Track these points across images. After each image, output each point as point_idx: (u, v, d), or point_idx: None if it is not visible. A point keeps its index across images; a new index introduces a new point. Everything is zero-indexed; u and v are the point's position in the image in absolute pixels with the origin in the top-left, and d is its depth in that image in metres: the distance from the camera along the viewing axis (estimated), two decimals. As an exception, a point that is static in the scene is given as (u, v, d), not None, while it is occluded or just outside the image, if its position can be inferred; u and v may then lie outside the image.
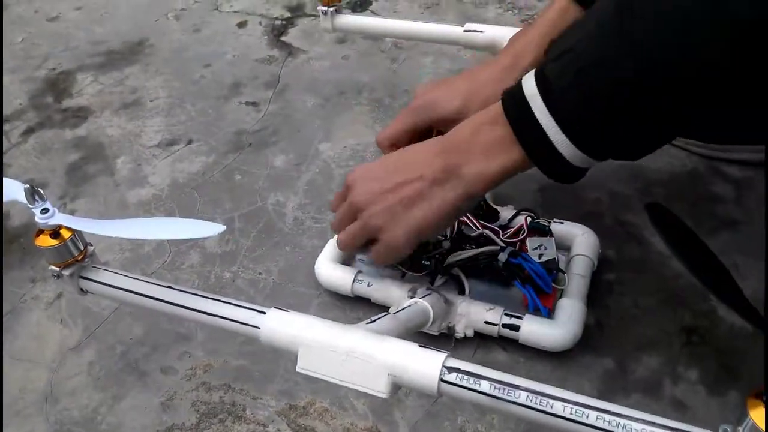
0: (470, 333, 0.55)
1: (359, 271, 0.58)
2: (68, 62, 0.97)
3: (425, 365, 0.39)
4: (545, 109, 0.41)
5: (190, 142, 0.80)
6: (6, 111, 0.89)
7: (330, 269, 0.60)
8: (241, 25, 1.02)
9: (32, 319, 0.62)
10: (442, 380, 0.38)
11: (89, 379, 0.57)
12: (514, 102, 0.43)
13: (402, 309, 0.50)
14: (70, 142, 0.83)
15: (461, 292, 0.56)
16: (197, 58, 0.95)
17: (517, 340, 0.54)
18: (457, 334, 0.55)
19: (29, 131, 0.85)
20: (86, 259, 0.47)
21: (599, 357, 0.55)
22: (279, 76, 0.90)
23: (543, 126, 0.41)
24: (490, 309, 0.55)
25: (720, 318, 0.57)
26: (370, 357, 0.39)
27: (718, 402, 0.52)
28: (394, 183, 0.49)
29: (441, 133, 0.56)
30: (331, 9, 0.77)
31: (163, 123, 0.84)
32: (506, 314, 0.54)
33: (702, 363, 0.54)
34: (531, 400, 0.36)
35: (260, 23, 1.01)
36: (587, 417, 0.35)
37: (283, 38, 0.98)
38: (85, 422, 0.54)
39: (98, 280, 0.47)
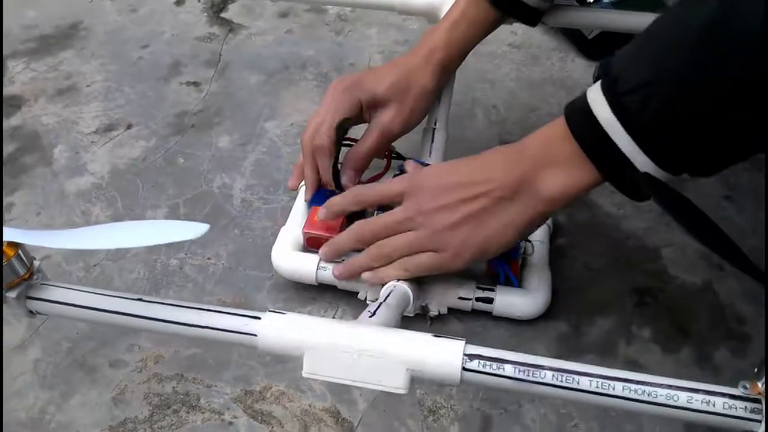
0: (444, 310, 0.55)
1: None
2: (-3, 49, 0.92)
3: (445, 356, 0.38)
4: (628, 137, 0.40)
5: (129, 126, 0.77)
6: (-68, 103, 0.84)
7: (290, 259, 0.57)
8: (179, 2, 0.98)
9: (-29, 320, 0.60)
10: (464, 369, 0.37)
11: (35, 378, 0.55)
12: (585, 125, 0.42)
13: (389, 294, 0.49)
14: (5, 132, 0.79)
15: None
16: (134, 40, 0.91)
17: (490, 312, 0.54)
18: (431, 313, 0.55)
19: (-41, 123, 0.81)
20: (34, 276, 0.41)
21: (553, 321, 0.55)
22: (220, 54, 0.87)
23: (626, 153, 0.41)
24: (462, 284, 0.54)
25: (671, 277, 0.58)
26: (385, 353, 0.38)
27: (672, 360, 0.53)
28: (460, 197, 0.47)
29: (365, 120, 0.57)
30: None
31: (100, 108, 0.80)
32: (479, 287, 0.54)
33: (655, 322, 0.55)
34: (557, 379, 0.36)
35: (198, 0, 0.98)
36: (613, 389, 0.36)
37: (223, 15, 0.95)
38: (33, 423, 0.52)
39: (51, 299, 0.42)
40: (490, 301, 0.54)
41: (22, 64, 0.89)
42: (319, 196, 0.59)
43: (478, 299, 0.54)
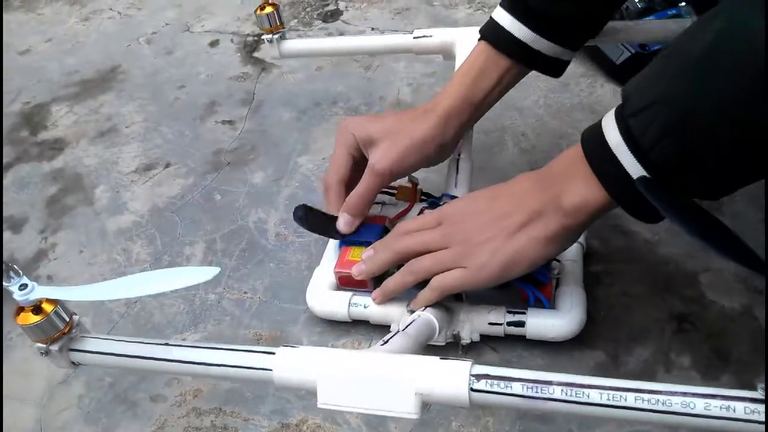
0: (476, 337, 0.55)
1: (353, 294, 0.57)
2: (42, 95, 0.97)
3: (452, 377, 0.38)
4: (633, 159, 0.41)
5: (167, 165, 0.80)
6: (-19, 148, 0.88)
7: (322, 298, 0.58)
8: (213, 44, 1.01)
9: (19, 356, 0.61)
10: (472, 389, 0.37)
11: (79, 413, 0.56)
12: (596, 146, 0.44)
13: (409, 324, 0.49)
14: (48, 174, 0.82)
15: (458, 298, 0.56)
16: (171, 81, 0.95)
17: (524, 336, 0.54)
18: (463, 341, 0.54)
19: (6, 167, 0.85)
20: (73, 330, 0.44)
21: (591, 350, 0.54)
22: (254, 93, 0.90)
23: (632, 175, 0.42)
24: (492, 310, 0.54)
25: (709, 302, 0.57)
26: (394, 379, 0.39)
27: (713, 387, 0.51)
28: (491, 217, 0.49)
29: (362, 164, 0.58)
30: (276, 36, 0.77)
31: (139, 148, 0.83)
32: (509, 312, 0.54)
33: (694, 349, 0.54)
34: (566, 393, 0.36)
35: (232, 41, 1.01)
36: (625, 400, 0.35)
37: (255, 54, 0.98)
38: (77, 457, 0.53)
39: (90, 349, 0.45)
40: (521, 324, 0.53)
41: (65, 108, 0.93)
42: (350, 234, 0.60)
43: (509, 323, 0.54)
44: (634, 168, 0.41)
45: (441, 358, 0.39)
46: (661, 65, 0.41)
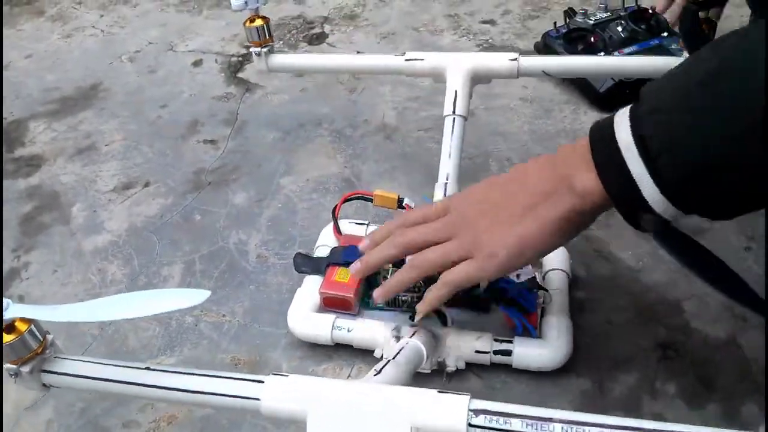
0: (462, 365, 0.54)
1: (337, 317, 0.56)
2: (20, 111, 0.95)
3: (449, 412, 0.37)
4: (640, 161, 0.39)
5: (147, 184, 0.78)
6: (-45, 164, 0.86)
7: (305, 320, 0.57)
8: (197, 63, 1.01)
9: (-15, 380, 0.59)
10: (470, 425, 0.36)
11: (47, 440, 0.54)
12: (603, 140, 0.41)
13: (399, 352, 0.48)
14: (23, 191, 0.80)
15: (443, 323, 0.55)
16: (153, 100, 0.94)
17: (510, 365, 0.53)
18: (448, 369, 0.53)
19: (-20, 183, 0.82)
20: (47, 350, 0.42)
21: (576, 377, 0.54)
22: (237, 113, 0.89)
23: (635, 176, 0.39)
24: (479, 337, 0.53)
25: (693, 330, 0.56)
26: (388, 413, 0.37)
27: (698, 415, 0.51)
28: (501, 201, 0.46)
29: None
30: (264, 50, 0.76)
31: (118, 166, 0.82)
32: (496, 340, 0.53)
33: (679, 377, 0.53)
34: (566, 431, 0.35)
35: (216, 61, 1.01)
36: None
37: (239, 75, 0.97)
38: (44, 487, 0.51)
39: (64, 371, 0.43)
40: (508, 353, 0.53)
41: (43, 125, 0.91)
42: (334, 255, 0.59)
43: (496, 352, 0.53)
44: (638, 169, 0.39)
45: (438, 392, 0.38)
46: (672, 76, 0.40)
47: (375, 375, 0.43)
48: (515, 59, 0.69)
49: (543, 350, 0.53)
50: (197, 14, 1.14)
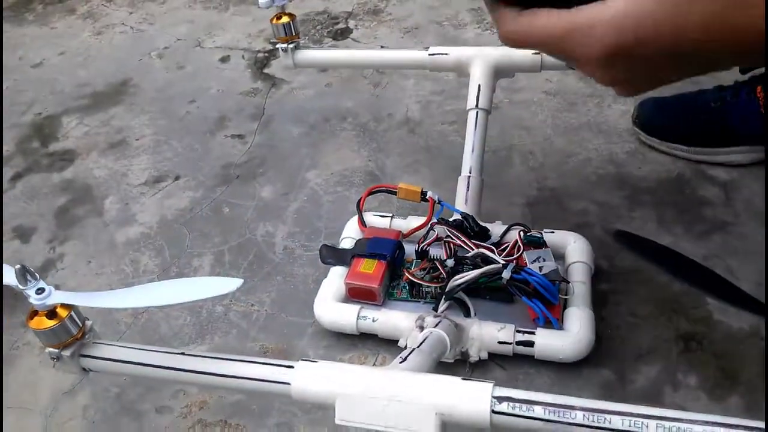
0: (484, 355, 0.55)
1: (362, 307, 0.57)
2: (53, 106, 0.98)
3: (473, 399, 0.38)
4: None
5: (177, 178, 0.80)
6: (-7, 158, 0.89)
7: (331, 309, 0.58)
8: (224, 60, 1.02)
9: (25, 366, 0.61)
10: (493, 411, 0.37)
11: (84, 423, 0.56)
12: None
13: (423, 341, 0.49)
14: (57, 185, 0.83)
15: (466, 314, 0.56)
16: (182, 95, 0.96)
17: (533, 356, 0.54)
18: (471, 359, 0.54)
19: (17, 177, 0.85)
20: (86, 336, 0.44)
21: (598, 368, 0.54)
22: (264, 108, 0.91)
23: None
24: (502, 328, 0.54)
25: (716, 322, 0.57)
26: (414, 399, 0.39)
27: (720, 408, 0.51)
28: None
29: None
30: (291, 45, 0.77)
31: (149, 161, 0.84)
32: (518, 331, 0.54)
33: (701, 369, 0.54)
34: (588, 419, 0.36)
35: (243, 57, 1.02)
36: (647, 427, 0.35)
37: (266, 70, 0.99)
38: (81, 468, 0.53)
39: (102, 356, 0.44)
40: (530, 344, 0.53)
41: (76, 120, 0.94)
42: (359, 247, 0.60)
43: (518, 343, 0.54)
44: None
45: (463, 379, 0.39)
46: None
47: (401, 362, 0.44)
48: (538, 53, 0.69)
49: (565, 342, 0.53)
50: (224, 11, 1.15)
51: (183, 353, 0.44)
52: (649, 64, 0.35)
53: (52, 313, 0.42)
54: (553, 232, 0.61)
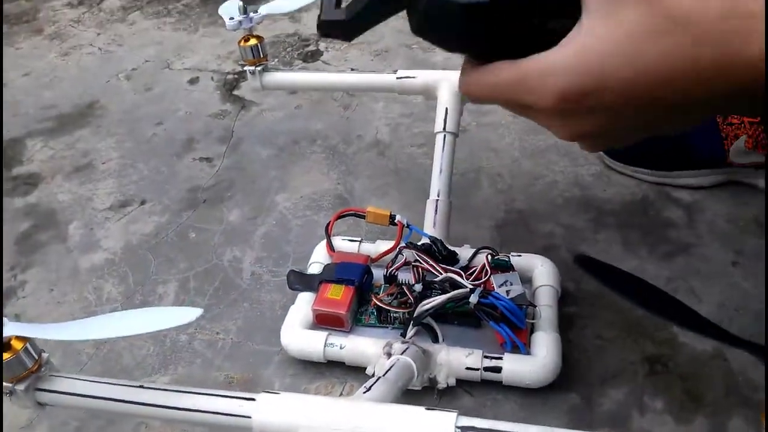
0: (452, 382, 0.54)
1: (329, 334, 0.56)
2: (17, 129, 0.96)
3: (437, 429, 0.37)
4: None
5: (143, 202, 0.79)
6: (-47, 183, 0.87)
7: (298, 337, 0.57)
8: (193, 81, 1.02)
9: (-18, 399, 0.60)
10: None
11: (43, 458, 0.54)
12: None
13: (390, 369, 0.49)
14: (20, 210, 0.81)
15: (434, 340, 0.55)
16: (149, 117, 0.95)
17: (501, 382, 0.53)
18: (439, 385, 0.54)
19: (-22, 202, 0.83)
20: (42, 369, 0.43)
21: (564, 393, 0.54)
22: (232, 130, 0.90)
23: None
24: (469, 354, 0.54)
25: (681, 344, 0.57)
26: (377, 430, 0.38)
27: (686, 430, 0.52)
28: None
29: None
30: (259, 68, 0.77)
31: (115, 185, 0.83)
32: (486, 357, 0.54)
33: (667, 392, 0.54)
34: None
35: (212, 78, 1.02)
36: None
37: (235, 92, 0.98)
38: (39, 505, 0.51)
39: (59, 390, 0.43)
40: (498, 370, 0.53)
41: (40, 143, 0.92)
42: (327, 272, 0.60)
43: (486, 369, 0.53)
44: None
45: (427, 409, 0.38)
46: None
47: (364, 392, 0.44)
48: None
49: (532, 367, 0.53)
50: (193, 32, 1.15)
51: (142, 386, 0.43)
52: (610, 113, 0.32)
53: (6, 346, 0.40)
54: (520, 255, 0.61)
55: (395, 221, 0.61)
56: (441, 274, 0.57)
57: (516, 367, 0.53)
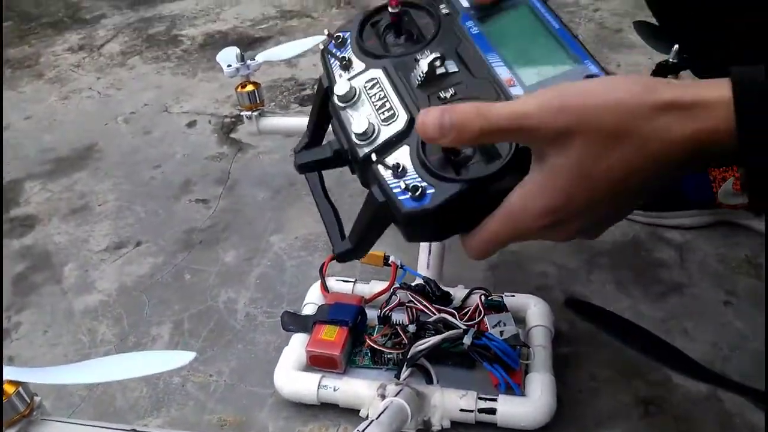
0: (447, 424, 0.54)
1: (323, 376, 0.56)
2: (16, 171, 0.97)
3: None
4: None
5: (138, 243, 0.80)
6: (-50, 225, 0.88)
7: (291, 379, 0.57)
8: (191, 125, 1.03)
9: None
10: None
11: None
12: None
13: (383, 412, 0.49)
14: (17, 252, 0.81)
15: (428, 381, 0.55)
16: (147, 160, 0.96)
17: (495, 424, 0.53)
18: (433, 428, 0.54)
19: (-26, 244, 0.84)
20: (34, 413, 0.43)
21: (560, 435, 0.54)
22: (229, 172, 0.91)
23: None
24: (464, 395, 0.54)
25: (675, 385, 0.57)
26: None
27: (682, 472, 0.51)
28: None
29: None
30: (255, 113, 0.79)
31: (111, 226, 0.83)
32: (480, 398, 0.53)
33: (662, 433, 0.54)
34: None
35: (210, 122, 1.03)
36: None
37: (232, 135, 1.00)
38: None
39: None
40: (492, 411, 0.53)
41: (38, 185, 0.93)
42: (321, 313, 0.60)
43: (480, 410, 0.53)
44: None
45: None
46: None
47: (358, 438, 0.43)
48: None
49: (527, 409, 0.53)
50: (192, 77, 1.17)
51: (134, 429, 0.43)
52: (588, 213, 0.37)
53: None
54: (513, 295, 0.61)
55: (389, 262, 0.62)
56: (435, 314, 0.58)
57: (511, 409, 0.53)
